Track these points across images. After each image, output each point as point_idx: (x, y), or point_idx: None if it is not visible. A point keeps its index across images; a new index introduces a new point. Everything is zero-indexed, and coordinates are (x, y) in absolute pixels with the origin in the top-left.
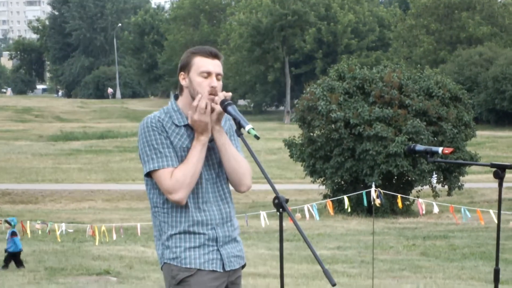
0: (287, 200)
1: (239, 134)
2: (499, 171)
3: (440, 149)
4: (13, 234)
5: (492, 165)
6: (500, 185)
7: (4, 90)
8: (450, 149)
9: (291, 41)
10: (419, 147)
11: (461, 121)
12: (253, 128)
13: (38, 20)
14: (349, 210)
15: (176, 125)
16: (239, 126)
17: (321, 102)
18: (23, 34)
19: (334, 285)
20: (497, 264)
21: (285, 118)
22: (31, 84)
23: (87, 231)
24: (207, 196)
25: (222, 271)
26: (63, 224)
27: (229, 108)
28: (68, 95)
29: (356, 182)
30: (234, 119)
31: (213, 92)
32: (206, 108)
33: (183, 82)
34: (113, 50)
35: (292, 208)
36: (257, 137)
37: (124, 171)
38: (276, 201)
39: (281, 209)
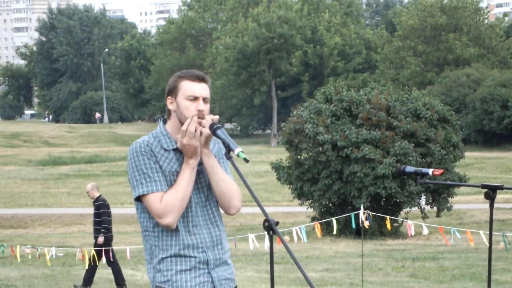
0: (277, 223)
1: (229, 157)
2: (490, 192)
3: (430, 171)
4: None
5: (483, 186)
6: (491, 206)
7: None
8: (441, 171)
9: (277, 64)
10: (409, 168)
11: (450, 142)
12: (242, 151)
13: (25, 46)
14: (336, 232)
15: (165, 149)
16: (229, 149)
17: (308, 125)
18: (11, 60)
19: None
20: (489, 285)
21: (272, 141)
22: (19, 110)
23: (76, 255)
24: (197, 219)
25: None
26: (53, 248)
27: (218, 132)
28: (56, 120)
29: (344, 204)
30: (224, 142)
31: (200, 116)
32: (195, 132)
33: (171, 106)
34: (100, 75)
35: (280, 230)
36: (246, 160)
37: (113, 195)
38: (266, 224)
39: (271, 232)
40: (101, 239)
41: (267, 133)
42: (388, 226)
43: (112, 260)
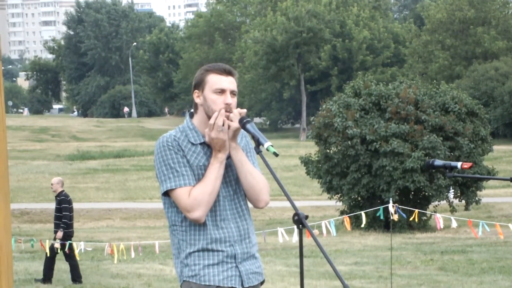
0: (306, 217)
1: (258, 152)
2: None
3: (459, 164)
4: None
5: None
6: None
7: (21, 110)
8: (469, 164)
9: (306, 58)
10: (438, 162)
11: (478, 136)
12: (272, 145)
13: (53, 40)
14: (365, 225)
15: (192, 144)
16: (258, 143)
17: (337, 119)
18: (39, 54)
19: None
20: None
21: (301, 135)
22: (47, 104)
23: (105, 250)
24: (224, 213)
25: (241, 287)
26: (82, 243)
27: (248, 126)
28: (84, 114)
29: (373, 198)
30: (253, 136)
31: (227, 109)
32: (223, 125)
33: (198, 100)
34: (128, 69)
35: (309, 224)
36: (276, 154)
37: (141, 190)
38: (296, 217)
39: (300, 226)
40: (60, 234)
41: (296, 127)
42: (416, 219)
43: (69, 255)
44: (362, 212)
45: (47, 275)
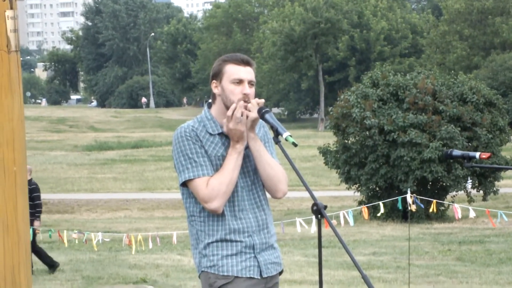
0: (325, 207)
1: (277, 142)
2: None
3: (477, 154)
4: None
5: None
6: None
7: (39, 101)
8: (488, 154)
9: (324, 49)
10: (456, 152)
11: (496, 126)
12: (290, 136)
13: (71, 31)
14: (383, 215)
15: (210, 134)
16: (277, 133)
17: (355, 109)
18: (57, 45)
19: None
20: None
21: (319, 125)
22: (65, 95)
23: (123, 240)
24: (243, 204)
25: (259, 278)
26: (100, 233)
27: (267, 116)
28: (102, 105)
29: (391, 188)
30: (272, 126)
31: (245, 99)
32: (241, 116)
33: (216, 90)
34: (146, 59)
35: (327, 214)
36: (295, 144)
37: (159, 180)
38: (315, 207)
39: (319, 216)
40: (37, 223)
41: (315, 118)
42: (434, 209)
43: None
44: (380, 202)
45: (52, 263)
